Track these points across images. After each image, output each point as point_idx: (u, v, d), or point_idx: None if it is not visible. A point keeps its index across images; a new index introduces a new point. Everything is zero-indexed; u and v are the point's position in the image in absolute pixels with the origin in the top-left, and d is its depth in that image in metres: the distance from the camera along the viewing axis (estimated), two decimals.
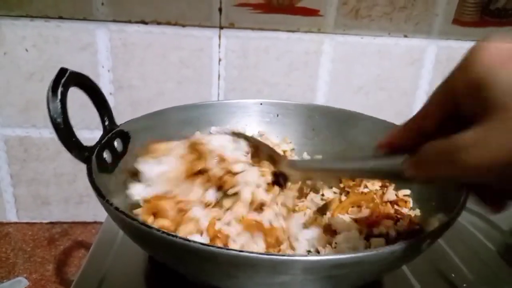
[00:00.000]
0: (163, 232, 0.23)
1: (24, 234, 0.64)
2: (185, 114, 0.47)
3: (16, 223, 0.67)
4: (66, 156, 0.62)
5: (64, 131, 0.32)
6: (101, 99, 0.38)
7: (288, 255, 0.21)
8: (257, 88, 0.64)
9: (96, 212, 0.68)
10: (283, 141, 0.52)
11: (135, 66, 0.61)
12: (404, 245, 0.25)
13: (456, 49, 0.64)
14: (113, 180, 0.37)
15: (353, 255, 0.23)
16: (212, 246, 0.22)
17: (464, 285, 0.40)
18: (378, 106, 0.67)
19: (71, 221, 0.68)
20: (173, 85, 0.62)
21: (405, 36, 0.63)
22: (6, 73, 0.59)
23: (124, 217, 0.26)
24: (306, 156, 0.51)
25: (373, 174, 0.33)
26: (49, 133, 0.62)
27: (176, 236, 0.23)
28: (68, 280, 0.56)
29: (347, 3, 0.60)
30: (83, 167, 0.34)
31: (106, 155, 0.37)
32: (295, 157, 0.50)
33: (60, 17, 0.57)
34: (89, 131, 0.61)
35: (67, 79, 0.32)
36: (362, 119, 0.49)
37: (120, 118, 0.43)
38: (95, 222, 0.68)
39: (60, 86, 0.31)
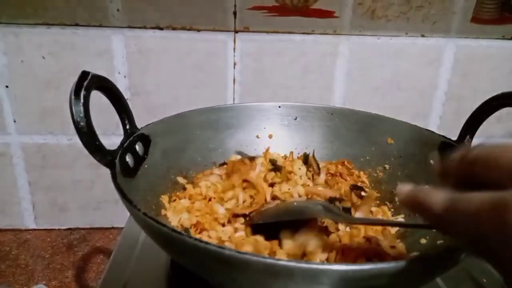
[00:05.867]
0: (195, 239, 0.23)
1: (43, 241, 0.64)
2: (205, 117, 0.47)
3: (34, 230, 0.67)
4: (83, 162, 0.64)
5: (88, 134, 0.31)
6: (122, 103, 0.38)
7: (328, 264, 0.21)
8: (272, 92, 0.63)
9: (113, 217, 0.67)
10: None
11: (151, 71, 0.60)
12: (444, 254, 0.24)
13: (475, 47, 0.63)
14: (134, 185, 0.37)
15: (393, 264, 0.22)
16: (247, 253, 0.21)
17: None
18: (396, 107, 0.66)
19: (89, 227, 0.68)
20: (189, 90, 0.62)
21: (423, 36, 0.62)
22: (23, 81, 0.59)
23: (153, 223, 0.25)
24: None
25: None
26: (66, 140, 0.62)
27: (209, 243, 0.22)
28: (88, 286, 0.56)
29: (363, 3, 0.59)
30: (100, 173, 0.33)
31: (128, 159, 0.37)
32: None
33: (76, 24, 0.57)
34: (106, 137, 0.61)
35: (89, 82, 0.32)
36: (383, 121, 0.48)
37: (137, 124, 0.42)
38: (112, 228, 0.67)
39: (83, 89, 0.31)
